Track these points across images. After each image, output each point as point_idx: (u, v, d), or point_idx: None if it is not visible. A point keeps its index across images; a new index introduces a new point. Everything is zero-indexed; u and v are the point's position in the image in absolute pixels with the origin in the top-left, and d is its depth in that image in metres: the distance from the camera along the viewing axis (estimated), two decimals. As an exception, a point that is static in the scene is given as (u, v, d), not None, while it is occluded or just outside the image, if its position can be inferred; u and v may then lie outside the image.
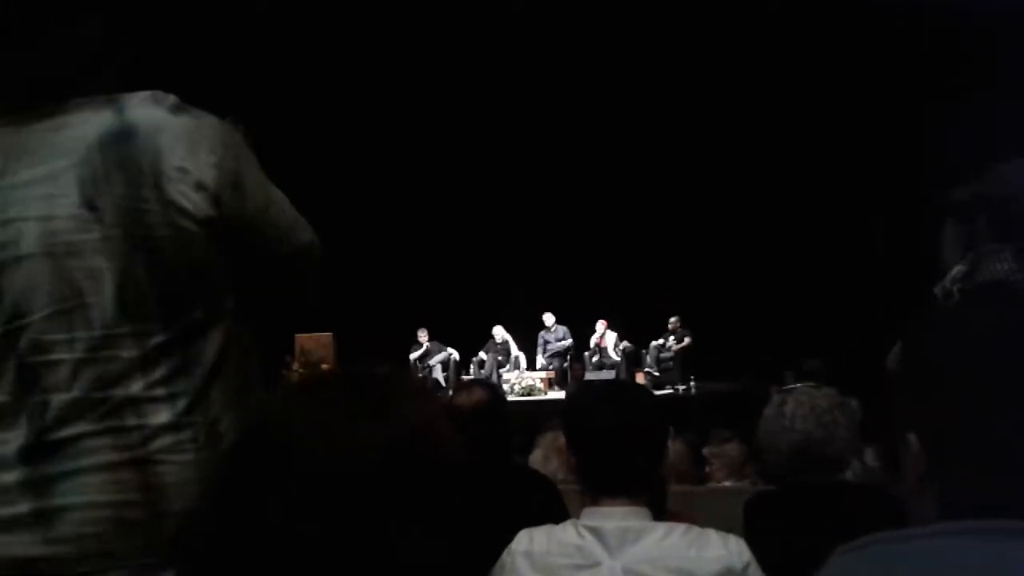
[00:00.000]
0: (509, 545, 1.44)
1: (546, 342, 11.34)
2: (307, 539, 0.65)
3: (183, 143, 1.13)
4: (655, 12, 8.97)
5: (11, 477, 1.08)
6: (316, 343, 10.22)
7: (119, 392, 1.09)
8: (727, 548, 1.37)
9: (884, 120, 8.38)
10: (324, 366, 10.01)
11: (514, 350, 11.24)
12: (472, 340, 11.24)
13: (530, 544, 1.42)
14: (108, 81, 1.22)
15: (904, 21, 7.23)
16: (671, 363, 10.55)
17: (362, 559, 0.66)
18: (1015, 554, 0.70)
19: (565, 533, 1.41)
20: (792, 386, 2.13)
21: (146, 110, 1.15)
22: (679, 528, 1.39)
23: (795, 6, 8.24)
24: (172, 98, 1.18)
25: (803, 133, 9.19)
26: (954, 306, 1.67)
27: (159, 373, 1.11)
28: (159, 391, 1.10)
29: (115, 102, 1.16)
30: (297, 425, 0.69)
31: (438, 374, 11.11)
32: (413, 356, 11.16)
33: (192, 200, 1.11)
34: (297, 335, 10.17)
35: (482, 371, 11.19)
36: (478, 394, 2.24)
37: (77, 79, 1.19)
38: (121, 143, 1.11)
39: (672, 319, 10.67)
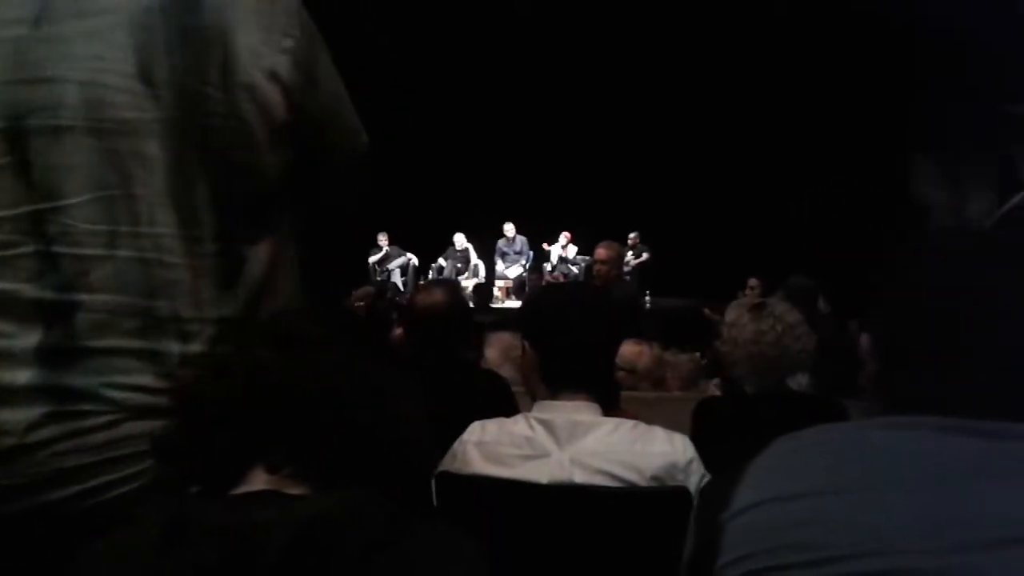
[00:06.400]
0: (461, 436, 1.46)
1: (504, 252, 11.37)
2: None
3: (256, 21, 0.97)
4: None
5: (23, 377, 0.93)
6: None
7: (163, 305, 0.94)
8: (672, 444, 1.39)
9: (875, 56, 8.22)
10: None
11: (473, 258, 11.26)
12: (432, 246, 11.22)
13: (482, 434, 1.44)
14: None
15: None
16: (628, 278, 10.67)
17: None
18: (945, 448, 0.73)
19: (516, 425, 1.44)
20: (746, 299, 2.18)
21: None
22: (627, 424, 1.41)
23: None
24: None
25: (792, 58, 9.07)
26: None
27: (207, 292, 0.96)
28: (208, 312, 0.96)
29: None
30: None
31: (396, 278, 11.12)
32: (372, 259, 11.12)
33: (262, 90, 0.96)
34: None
35: (440, 277, 11.22)
36: (437, 295, 2.28)
37: None
38: (185, 8, 0.95)
39: (632, 235, 10.73)
